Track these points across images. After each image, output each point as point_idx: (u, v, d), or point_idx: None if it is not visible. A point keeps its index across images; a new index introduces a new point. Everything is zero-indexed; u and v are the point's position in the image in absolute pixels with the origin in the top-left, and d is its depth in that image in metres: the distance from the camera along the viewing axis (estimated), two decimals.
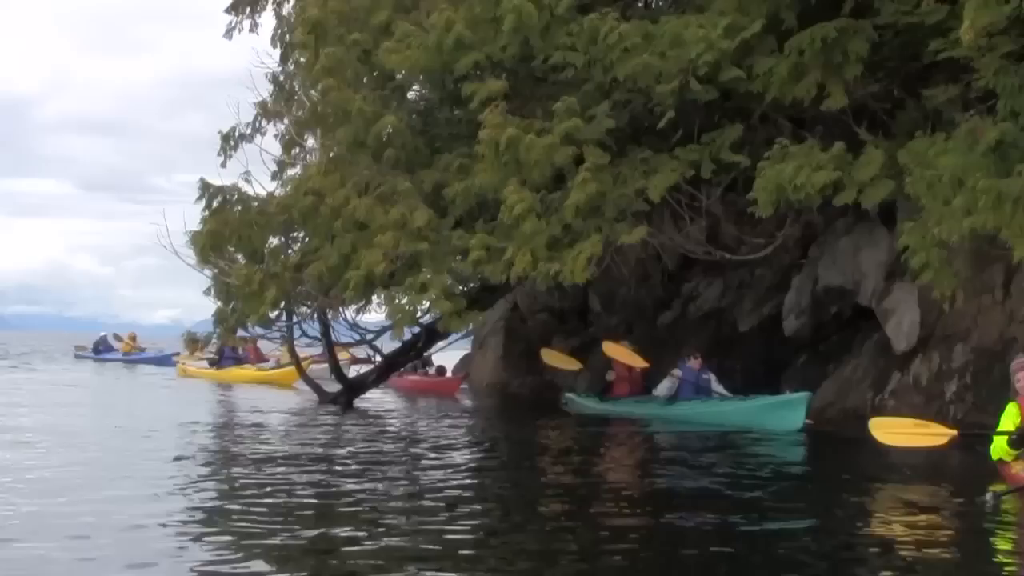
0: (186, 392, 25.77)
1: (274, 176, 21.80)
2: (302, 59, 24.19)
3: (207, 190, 17.91)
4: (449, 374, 28.81)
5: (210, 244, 17.50)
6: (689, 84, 14.54)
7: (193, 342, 20.64)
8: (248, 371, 30.30)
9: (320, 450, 13.36)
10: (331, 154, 16.13)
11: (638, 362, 19.70)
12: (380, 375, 20.91)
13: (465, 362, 29.77)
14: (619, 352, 20.08)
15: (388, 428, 17.23)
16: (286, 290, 16.67)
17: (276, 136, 22.66)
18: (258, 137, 22.39)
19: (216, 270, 18.21)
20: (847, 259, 18.12)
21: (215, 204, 17.83)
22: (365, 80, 16.90)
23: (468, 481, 11.41)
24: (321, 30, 16.82)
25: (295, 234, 18.13)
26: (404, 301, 15.00)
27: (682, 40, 14.70)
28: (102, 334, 50.33)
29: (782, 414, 15.53)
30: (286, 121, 22.12)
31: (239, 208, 18.16)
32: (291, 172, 21.94)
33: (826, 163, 14.10)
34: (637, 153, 15.52)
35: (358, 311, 19.79)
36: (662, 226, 15.69)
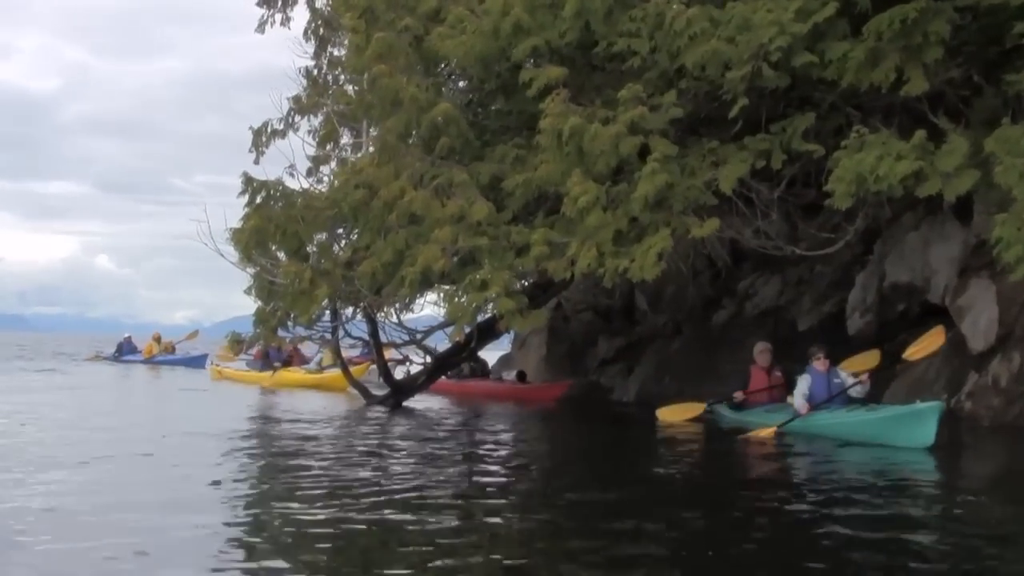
0: (228, 397, 24.56)
1: (309, 172, 21.23)
2: (336, 51, 23.89)
3: (250, 184, 17.20)
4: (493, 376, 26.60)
5: (254, 241, 16.76)
6: (761, 71, 13.82)
7: (238, 343, 19.79)
8: (296, 374, 28.82)
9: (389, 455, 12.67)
10: (381, 144, 15.31)
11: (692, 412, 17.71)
12: (430, 376, 20.16)
13: (504, 362, 28.90)
14: (673, 414, 17.85)
15: (452, 434, 16.34)
16: (337, 288, 15.94)
17: (309, 131, 22.15)
18: (290, 133, 21.98)
19: (257, 268, 17.47)
20: (916, 255, 17.40)
21: (258, 199, 17.11)
22: (416, 68, 16.12)
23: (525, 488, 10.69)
24: (371, 15, 16.11)
25: (340, 230, 17.39)
26: (465, 299, 14.21)
27: (751, 24, 13.98)
28: (126, 335, 49.36)
29: (910, 428, 13.58)
30: (320, 116, 21.56)
31: (280, 204, 17.49)
32: (326, 168, 21.44)
33: (907, 152, 13.35)
34: (703, 143, 14.79)
35: (402, 309, 19.04)
36: (729, 220, 14.88)
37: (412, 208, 14.63)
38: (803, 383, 15.82)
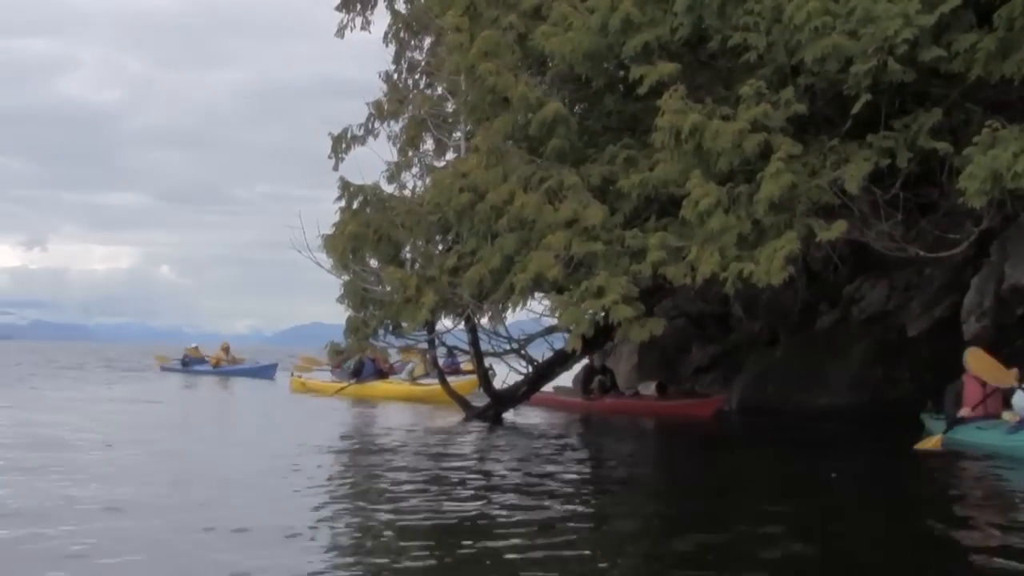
0: (322, 411, 22.87)
1: (391, 178, 20.77)
2: (416, 55, 23.48)
3: (346, 189, 16.71)
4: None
5: (350, 248, 16.24)
6: (886, 65, 13.17)
7: (337, 353, 19.21)
8: (396, 386, 27.26)
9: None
10: (488, 146, 14.72)
11: (1004, 379, 15.04)
12: (531, 386, 19.51)
13: (588, 372, 27.80)
14: (982, 365, 15.48)
15: (567, 453, 15.33)
16: (444, 296, 15.37)
17: (389, 137, 21.73)
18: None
19: (351, 275, 16.96)
20: None
21: (355, 205, 16.62)
22: (521, 66, 15.57)
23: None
24: (473, 12, 15.61)
25: (441, 235, 16.78)
26: (584, 305, 13.58)
27: (874, 16, 13.33)
28: (193, 345, 48.61)
29: None
30: (402, 120, 21.12)
31: (371, 209, 17.03)
32: (408, 173, 21.00)
33: None
34: (822, 142, 14.14)
35: (496, 316, 18.39)
36: (852, 222, 14.16)
37: (524, 212, 14.05)
38: None
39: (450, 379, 21.04)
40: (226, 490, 10.37)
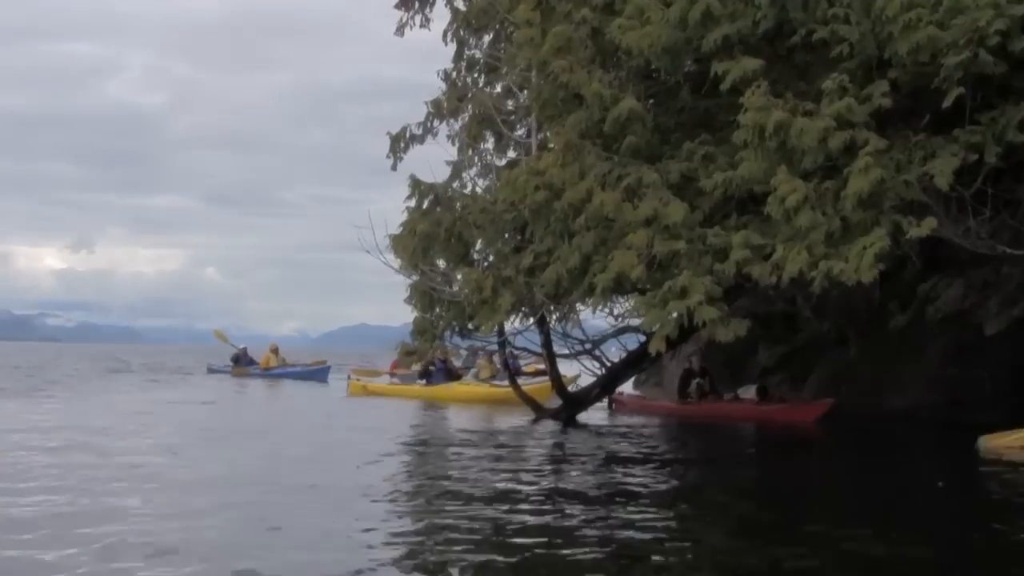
0: (388, 414, 22.28)
1: (452, 177, 20.53)
2: (476, 53, 23.23)
3: (417, 188, 16.48)
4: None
5: (421, 248, 16.00)
6: (978, 57, 12.77)
7: (408, 354, 18.97)
8: (475, 388, 26.11)
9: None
10: (565, 143, 14.41)
11: None
12: (604, 388, 19.22)
13: (654, 373, 27.36)
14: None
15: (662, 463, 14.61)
16: (520, 296, 15.10)
17: (449, 136, 21.50)
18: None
19: (418, 275, 16.73)
20: None
21: (425, 204, 16.38)
22: (595, 62, 15.24)
23: None
24: (546, 6, 15.31)
25: (511, 233, 16.47)
26: (668, 306, 13.20)
27: (963, 6, 12.94)
28: (242, 346, 47.68)
29: None
30: (462, 119, 20.87)
31: (439, 208, 16.80)
32: (468, 172, 20.76)
33: None
34: (908, 136, 13.74)
35: (563, 317, 18.04)
36: (941, 218, 13.76)
37: (602, 210, 13.74)
38: None
39: (521, 382, 20.72)
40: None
